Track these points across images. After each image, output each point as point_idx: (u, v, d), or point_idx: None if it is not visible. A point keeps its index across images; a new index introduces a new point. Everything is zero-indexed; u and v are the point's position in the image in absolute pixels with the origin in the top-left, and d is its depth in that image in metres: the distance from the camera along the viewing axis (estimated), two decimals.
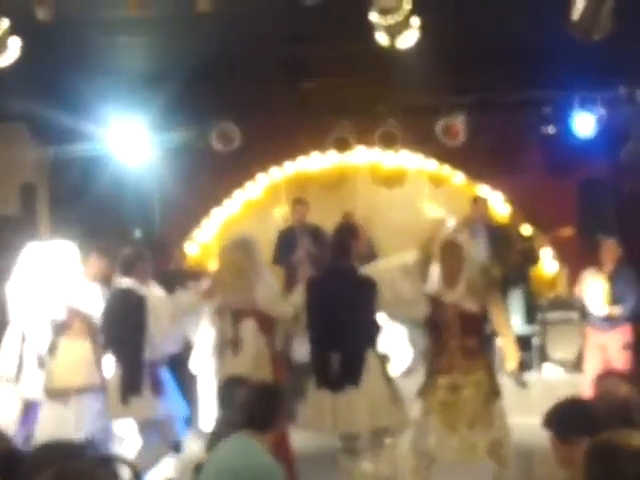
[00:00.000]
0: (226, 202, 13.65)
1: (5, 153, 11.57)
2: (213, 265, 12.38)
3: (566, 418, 4.43)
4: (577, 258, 11.34)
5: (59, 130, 11.37)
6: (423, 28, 8.16)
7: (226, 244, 8.11)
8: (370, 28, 8.17)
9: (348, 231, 7.67)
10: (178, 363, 8.84)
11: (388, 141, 12.31)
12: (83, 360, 8.36)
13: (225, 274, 7.75)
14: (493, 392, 7.54)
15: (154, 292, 8.26)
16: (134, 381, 7.84)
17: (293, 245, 11.66)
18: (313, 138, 12.73)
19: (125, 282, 8.16)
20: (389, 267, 7.40)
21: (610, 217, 11.93)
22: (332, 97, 11.90)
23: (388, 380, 7.27)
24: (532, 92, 11.35)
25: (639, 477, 2.97)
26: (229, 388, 6.39)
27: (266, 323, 7.61)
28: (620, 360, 9.93)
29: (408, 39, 8.22)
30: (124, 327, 7.98)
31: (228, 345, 7.59)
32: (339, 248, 7.41)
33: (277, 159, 13.36)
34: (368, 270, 7.36)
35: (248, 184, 13.58)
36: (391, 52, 8.51)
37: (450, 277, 7.28)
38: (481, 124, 11.94)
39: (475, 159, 12.51)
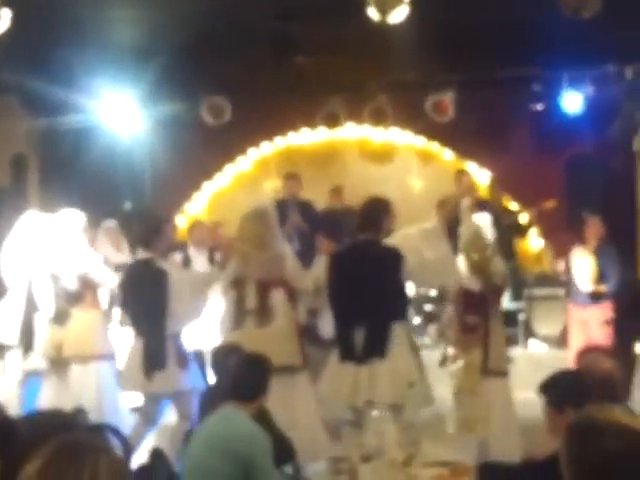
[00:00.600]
0: (216, 175, 13.72)
1: None
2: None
3: (561, 387, 4.53)
4: (563, 234, 11.41)
5: (50, 102, 11.38)
6: (413, 4, 8.21)
7: (245, 216, 7.81)
8: (361, 5, 8.22)
9: (380, 206, 7.30)
10: None
11: (378, 117, 12.36)
12: (96, 329, 8.41)
13: (246, 245, 7.57)
14: (485, 370, 7.64)
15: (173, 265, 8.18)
16: (158, 354, 7.66)
17: (284, 219, 11.69)
18: (303, 114, 12.78)
19: (143, 254, 7.96)
20: (411, 233, 7.19)
21: (597, 194, 12.00)
22: (323, 73, 11.90)
23: (415, 355, 7.05)
24: (521, 70, 11.36)
25: (620, 454, 3.01)
26: (222, 356, 6.42)
27: (291, 294, 7.52)
28: (601, 336, 10.00)
29: (399, 14, 8.26)
30: (146, 299, 7.78)
31: (250, 316, 7.47)
32: (369, 222, 7.12)
33: (267, 134, 13.43)
34: (391, 240, 7.13)
35: (239, 158, 13.65)
36: (381, 29, 8.55)
37: None
38: (470, 101, 11.97)
39: (464, 136, 12.57)
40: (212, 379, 6.97)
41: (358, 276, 6.90)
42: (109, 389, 8.36)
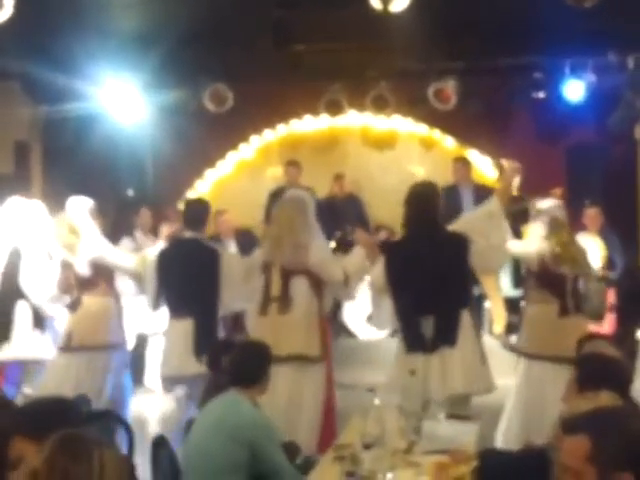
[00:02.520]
0: (219, 163, 13.75)
1: None
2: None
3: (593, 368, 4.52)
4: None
5: (52, 89, 11.39)
6: None
7: (282, 200, 7.74)
8: None
9: (435, 191, 7.18)
10: None
11: (380, 104, 12.38)
12: (107, 317, 8.26)
13: (278, 230, 7.47)
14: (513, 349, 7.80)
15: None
16: (211, 336, 7.50)
17: None
18: (306, 101, 12.80)
19: (190, 234, 7.82)
20: (477, 215, 7.16)
21: (598, 182, 12.03)
22: (324, 60, 11.93)
23: (479, 342, 7.02)
24: (523, 58, 11.38)
25: None
26: (218, 352, 6.43)
27: (317, 284, 7.37)
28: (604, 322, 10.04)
29: (401, 3, 8.28)
30: (198, 279, 7.59)
31: (273, 303, 7.37)
32: (426, 207, 7.00)
33: (270, 121, 13.45)
34: (456, 225, 7.05)
35: (241, 145, 13.68)
36: (383, 16, 8.57)
37: None
38: (472, 89, 12.00)
39: (465, 123, 12.58)
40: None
41: (426, 264, 6.80)
42: (118, 379, 8.26)
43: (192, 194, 13.62)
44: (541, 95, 12.09)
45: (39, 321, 8.54)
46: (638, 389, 6.84)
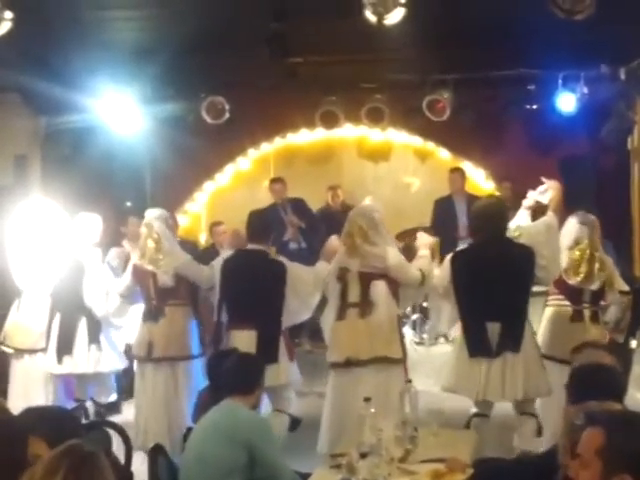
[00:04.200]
0: (217, 174, 13.83)
1: None
2: (205, 236, 12.60)
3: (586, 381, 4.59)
4: None
5: (52, 101, 11.45)
6: (409, 4, 8.31)
7: (352, 214, 7.82)
8: (357, 4, 8.33)
9: (502, 204, 7.63)
10: None
11: (375, 116, 12.45)
12: (189, 327, 8.26)
13: (352, 239, 7.55)
14: None
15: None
16: (273, 348, 7.59)
17: (278, 222, 11.78)
18: (302, 113, 12.87)
19: (256, 247, 7.87)
20: (537, 230, 7.42)
21: (591, 193, 12.09)
22: (320, 73, 11.98)
23: (539, 348, 7.46)
24: (516, 70, 11.46)
25: None
26: (217, 360, 6.50)
27: (394, 287, 7.49)
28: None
29: (395, 16, 8.38)
30: (263, 291, 7.69)
31: (352, 308, 7.45)
32: (495, 219, 7.31)
33: (266, 133, 13.52)
34: (523, 237, 7.36)
35: (238, 157, 13.75)
36: (378, 29, 8.65)
37: None
38: (466, 101, 12.09)
39: (459, 135, 12.67)
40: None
41: (496, 272, 7.07)
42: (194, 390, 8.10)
43: (190, 206, 13.70)
44: (534, 107, 12.18)
45: (95, 335, 8.62)
46: (632, 398, 6.94)
